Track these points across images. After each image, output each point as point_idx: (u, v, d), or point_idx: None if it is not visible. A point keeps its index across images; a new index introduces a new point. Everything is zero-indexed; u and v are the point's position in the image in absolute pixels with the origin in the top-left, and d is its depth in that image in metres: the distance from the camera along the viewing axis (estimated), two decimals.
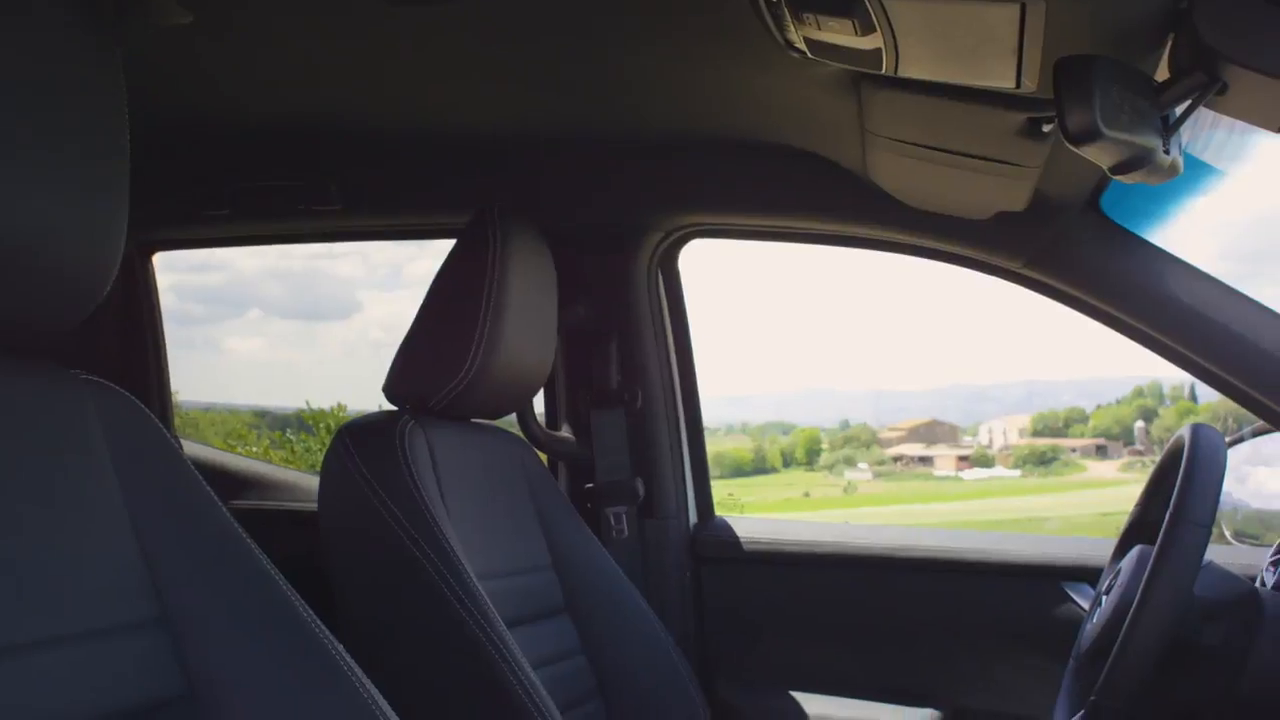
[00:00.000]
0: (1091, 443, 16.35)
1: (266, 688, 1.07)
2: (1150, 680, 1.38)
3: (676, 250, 2.31)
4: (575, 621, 1.95)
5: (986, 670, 2.14)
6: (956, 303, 31.61)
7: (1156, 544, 1.41)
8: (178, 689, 1.05)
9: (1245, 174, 1.88)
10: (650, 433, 2.26)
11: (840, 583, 2.23)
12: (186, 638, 1.06)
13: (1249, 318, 1.86)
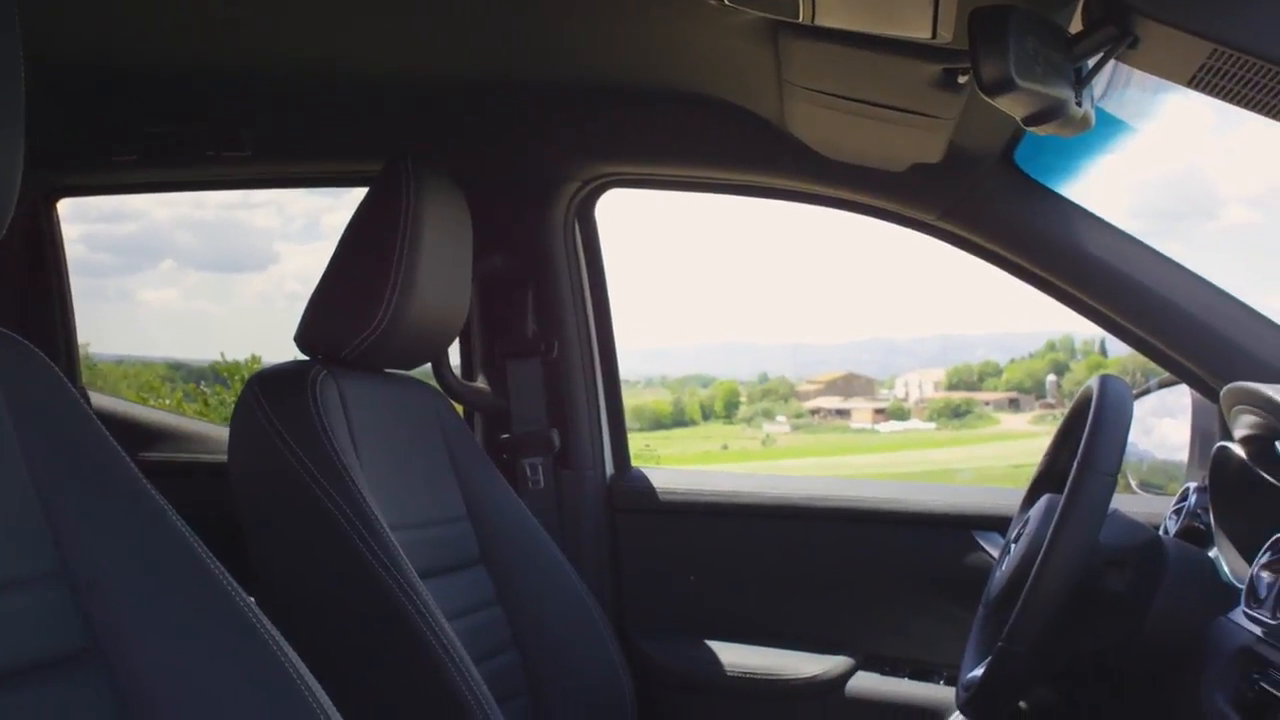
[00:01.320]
0: (1004, 396, 16.58)
1: (172, 641, 1.05)
2: (1056, 625, 1.41)
3: (594, 200, 2.29)
4: (491, 572, 1.94)
5: (899, 618, 2.17)
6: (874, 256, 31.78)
7: (1064, 493, 1.43)
8: (79, 643, 1.03)
9: (1156, 133, 1.90)
10: (566, 383, 2.25)
11: (756, 533, 2.24)
12: (88, 591, 1.04)
13: (1159, 272, 1.89)
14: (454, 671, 1.56)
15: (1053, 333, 15.45)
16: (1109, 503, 1.41)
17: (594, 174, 2.22)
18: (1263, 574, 1.32)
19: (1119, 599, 1.54)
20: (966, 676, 1.62)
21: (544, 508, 2.20)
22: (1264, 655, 1.27)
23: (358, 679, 1.57)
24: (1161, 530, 1.81)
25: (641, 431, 15.76)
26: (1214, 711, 1.33)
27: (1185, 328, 1.86)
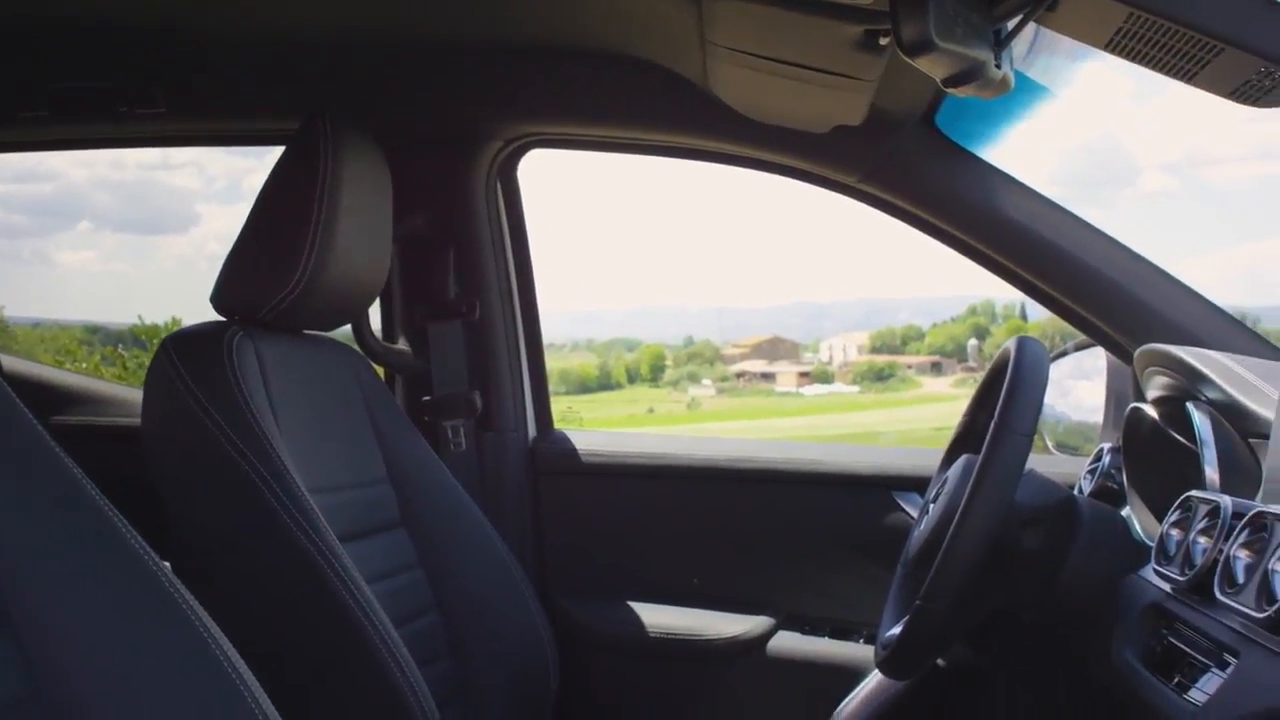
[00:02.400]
0: (927, 359, 16.77)
1: (81, 606, 1.03)
2: (973, 583, 1.42)
3: (516, 160, 2.27)
4: (412, 535, 1.92)
5: (820, 578, 2.19)
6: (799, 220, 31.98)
7: (981, 453, 1.44)
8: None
9: (1077, 100, 1.92)
10: (488, 345, 2.24)
11: (678, 494, 2.25)
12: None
13: (1076, 236, 1.91)
14: (374, 635, 1.55)
15: (974, 297, 15.64)
16: (1025, 463, 1.43)
17: (516, 134, 2.20)
18: (1172, 532, 1.34)
19: (1034, 557, 1.56)
20: (885, 635, 1.64)
21: (466, 470, 2.19)
22: (1172, 611, 1.30)
23: (276, 644, 1.55)
24: (1076, 490, 1.84)
25: (567, 395, 15.75)
26: (1123, 666, 1.35)
27: (1101, 291, 1.89)
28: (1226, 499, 1.24)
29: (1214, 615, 1.18)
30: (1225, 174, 35.91)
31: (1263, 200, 32.92)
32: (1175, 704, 1.18)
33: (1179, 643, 1.27)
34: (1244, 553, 1.12)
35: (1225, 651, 1.13)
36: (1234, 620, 1.12)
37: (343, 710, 1.59)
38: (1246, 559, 1.12)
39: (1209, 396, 1.51)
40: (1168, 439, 1.63)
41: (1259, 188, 33.15)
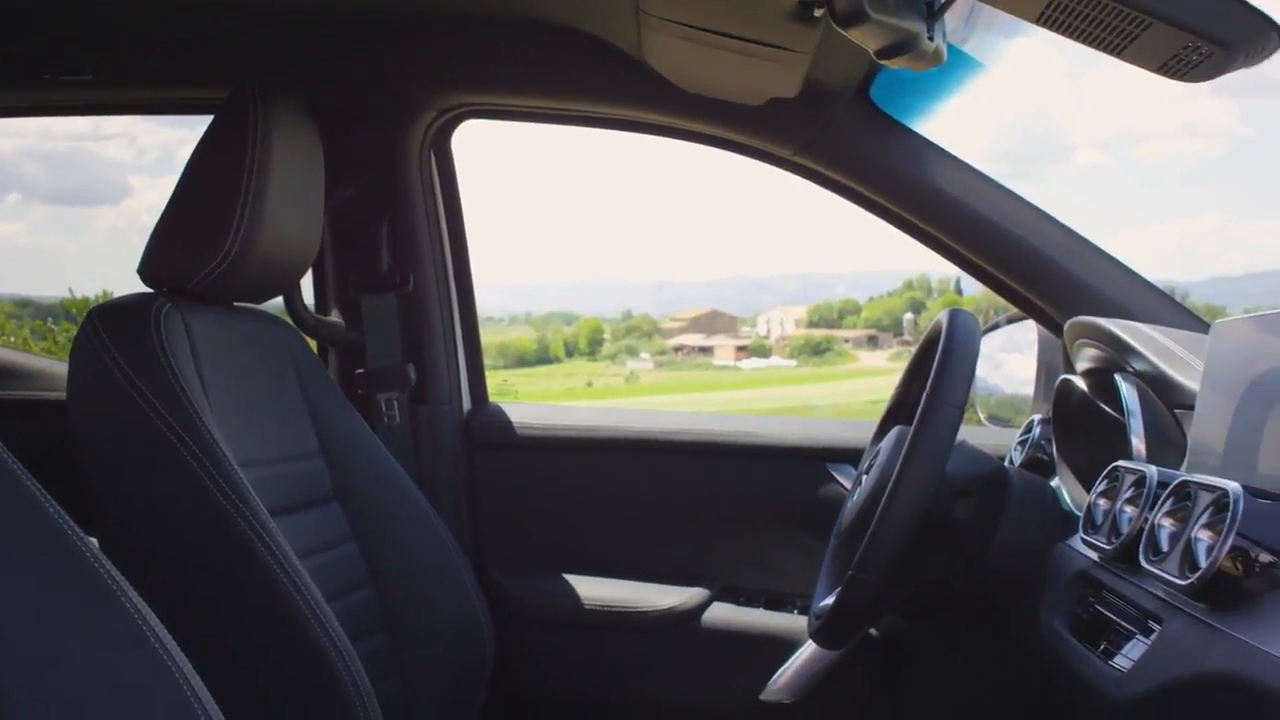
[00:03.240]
0: (863, 333, 16.92)
1: (4, 585, 1.01)
2: (905, 554, 1.44)
3: (449, 131, 2.24)
4: (345, 509, 1.90)
5: (755, 549, 2.20)
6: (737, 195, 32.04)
7: (913, 425, 1.45)
8: None
9: (1011, 77, 1.93)
10: (422, 317, 2.22)
11: (613, 467, 2.25)
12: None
13: (1008, 210, 1.93)
14: (306, 609, 1.54)
15: (910, 271, 15.78)
16: (956, 434, 1.44)
17: (449, 104, 2.17)
18: (1099, 501, 1.36)
19: (965, 528, 1.57)
20: (818, 605, 1.65)
21: (400, 443, 2.17)
22: (1099, 579, 1.32)
23: (206, 620, 1.54)
24: (1007, 461, 1.86)
25: (505, 369, 15.71)
26: (1051, 634, 1.37)
27: (1032, 264, 1.91)
28: (1152, 469, 1.26)
29: (1139, 583, 1.20)
30: (1155, 150, 36.42)
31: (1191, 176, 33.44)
32: (1100, 670, 1.20)
33: (1105, 610, 1.29)
34: (1168, 521, 1.14)
35: (1150, 618, 1.15)
36: (1158, 588, 1.14)
37: (275, 687, 1.57)
38: (1171, 528, 1.13)
39: (1137, 368, 1.53)
40: (1096, 410, 1.66)
41: (1188, 164, 33.70)
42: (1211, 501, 1.06)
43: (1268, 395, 1.11)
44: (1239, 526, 0.99)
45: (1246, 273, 26.88)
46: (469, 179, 2.32)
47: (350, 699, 1.54)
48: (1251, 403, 1.14)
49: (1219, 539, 1.00)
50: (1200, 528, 1.05)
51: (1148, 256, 46.49)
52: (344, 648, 1.55)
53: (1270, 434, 1.09)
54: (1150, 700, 1.07)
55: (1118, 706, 1.14)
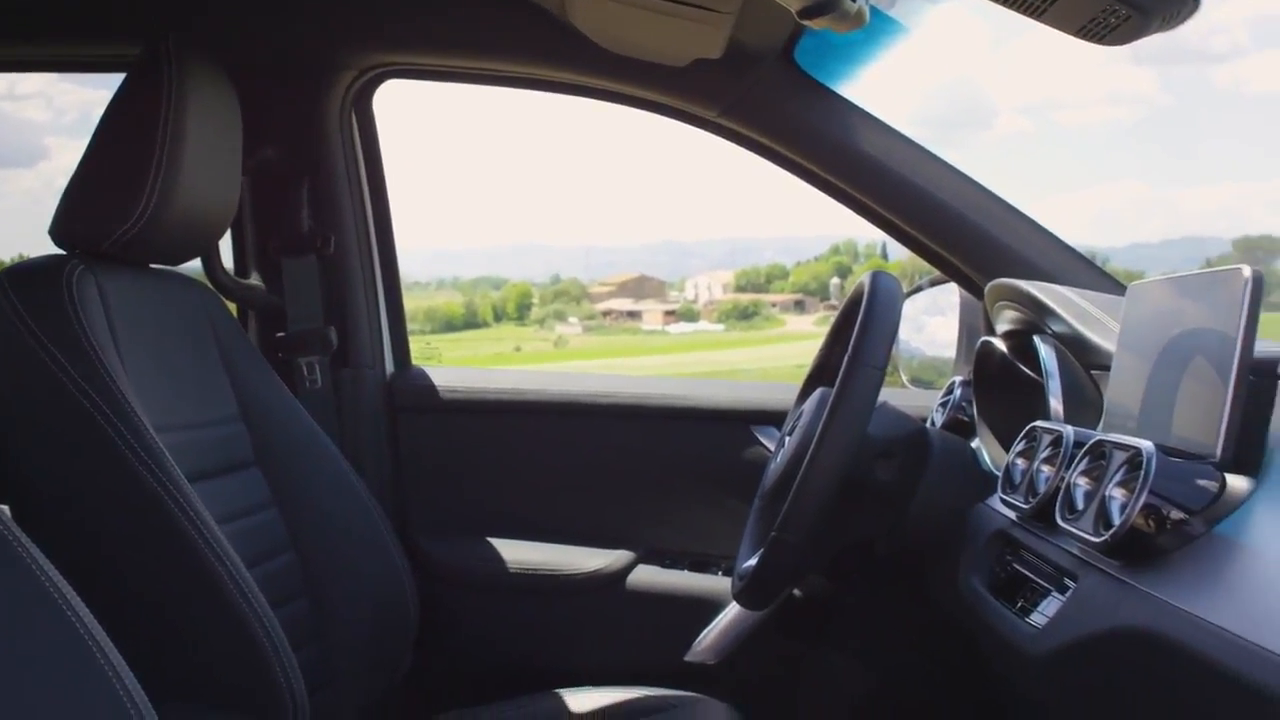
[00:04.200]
0: (790, 298, 17.01)
1: None
2: (826, 515, 1.44)
3: (371, 91, 2.21)
4: (266, 474, 1.88)
5: (679, 512, 2.20)
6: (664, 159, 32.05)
7: (835, 386, 1.46)
8: None
9: (936, 43, 1.94)
10: (344, 280, 2.19)
11: (538, 430, 2.24)
12: None
13: (930, 173, 1.94)
14: (225, 575, 1.52)
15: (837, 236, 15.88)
16: (877, 395, 1.44)
17: (370, 64, 2.14)
18: (1017, 461, 1.37)
19: (887, 489, 1.59)
20: (741, 566, 1.66)
21: (322, 407, 2.14)
22: (1016, 538, 1.33)
23: (122, 588, 1.51)
24: (929, 423, 1.87)
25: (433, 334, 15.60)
26: (969, 592, 1.39)
27: (954, 227, 1.92)
28: (1069, 429, 1.28)
29: (1055, 541, 1.21)
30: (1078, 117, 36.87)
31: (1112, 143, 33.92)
32: (1017, 627, 1.22)
33: (1022, 568, 1.31)
34: (1084, 480, 1.15)
35: (1065, 576, 1.17)
36: (1073, 545, 1.16)
37: (194, 653, 1.55)
38: (1086, 486, 1.15)
39: (1055, 330, 1.55)
40: (1016, 372, 1.67)
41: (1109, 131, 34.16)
42: (1125, 460, 1.07)
43: (1182, 357, 1.13)
44: (1152, 485, 1.00)
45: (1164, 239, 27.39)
46: (395, 142, 2.30)
47: (271, 665, 1.52)
48: (1166, 364, 1.16)
49: (1132, 497, 1.01)
50: (1114, 486, 1.07)
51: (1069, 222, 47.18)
52: (264, 614, 1.53)
53: (1184, 395, 1.10)
54: (1064, 655, 1.09)
55: (1033, 662, 1.16)
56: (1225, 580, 0.91)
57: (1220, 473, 1.01)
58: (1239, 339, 1.01)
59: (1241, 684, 0.79)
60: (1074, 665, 1.09)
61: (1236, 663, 0.80)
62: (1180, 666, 0.88)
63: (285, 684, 1.52)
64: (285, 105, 2.12)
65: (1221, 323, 1.04)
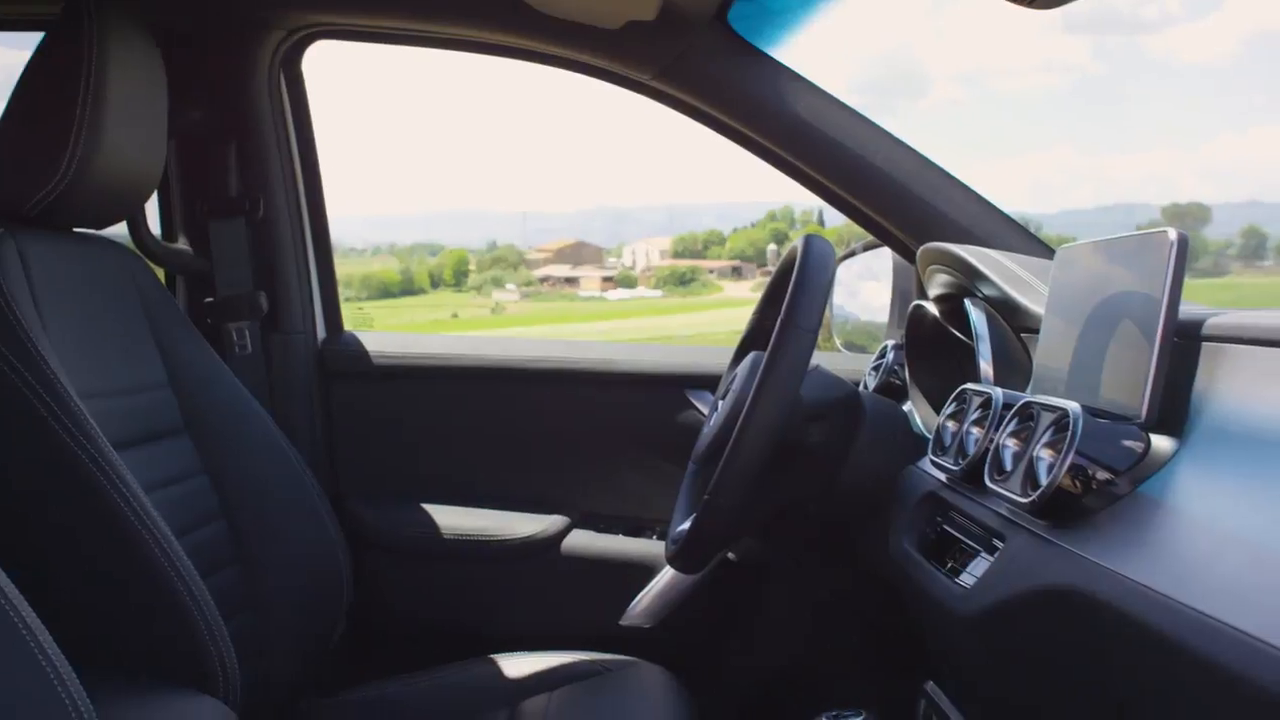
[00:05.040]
0: (728, 264, 17.09)
1: None
2: (759, 478, 1.44)
3: (300, 52, 2.17)
4: (195, 441, 1.85)
5: (614, 476, 2.20)
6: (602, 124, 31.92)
7: (767, 349, 1.45)
8: None
9: (874, 11, 1.94)
10: (274, 244, 2.16)
11: (472, 395, 2.23)
12: None
13: (864, 137, 1.93)
14: (152, 543, 1.49)
15: (774, 203, 15.95)
16: (810, 358, 1.44)
17: (298, 24, 2.10)
18: (948, 424, 1.38)
19: (819, 452, 1.59)
20: (675, 531, 1.66)
21: (252, 373, 2.12)
22: (946, 499, 1.34)
23: (45, 557, 1.49)
24: (862, 386, 1.88)
25: (370, 300, 15.49)
26: (900, 553, 1.40)
27: (887, 191, 1.92)
28: (998, 391, 1.29)
29: (984, 502, 1.22)
30: (1012, 85, 37.18)
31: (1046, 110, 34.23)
32: (946, 587, 1.23)
33: (952, 530, 1.32)
34: (1012, 441, 1.16)
35: (993, 536, 1.18)
36: (1002, 506, 1.17)
37: (120, 624, 1.53)
38: (1015, 447, 1.16)
39: (986, 294, 1.56)
40: (947, 335, 1.68)
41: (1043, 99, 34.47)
42: (1053, 421, 1.08)
43: (1109, 320, 1.13)
44: (1078, 445, 1.01)
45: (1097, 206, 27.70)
46: (329, 105, 2.26)
47: (200, 634, 1.50)
48: (1093, 327, 1.17)
49: (1059, 457, 1.02)
50: (1042, 447, 1.08)
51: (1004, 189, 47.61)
52: (193, 582, 1.51)
53: (1111, 357, 1.11)
54: (992, 614, 1.10)
55: (962, 622, 1.17)
56: (1148, 539, 0.92)
57: (1145, 433, 1.02)
58: (1164, 301, 1.02)
59: (1162, 640, 0.80)
60: (1001, 624, 1.10)
61: (1158, 619, 0.81)
62: (1104, 624, 0.89)
63: (215, 653, 1.51)
64: (211, 66, 2.08)
65: (1147, 286, 1.05)
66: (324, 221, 2.26)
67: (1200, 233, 15.52)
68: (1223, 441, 0.96)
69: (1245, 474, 0.90)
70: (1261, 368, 0.97)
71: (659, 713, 1.74)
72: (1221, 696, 0.74)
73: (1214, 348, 1.03)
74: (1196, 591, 0.80)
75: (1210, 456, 0.96)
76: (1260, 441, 0.91)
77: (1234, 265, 15.34)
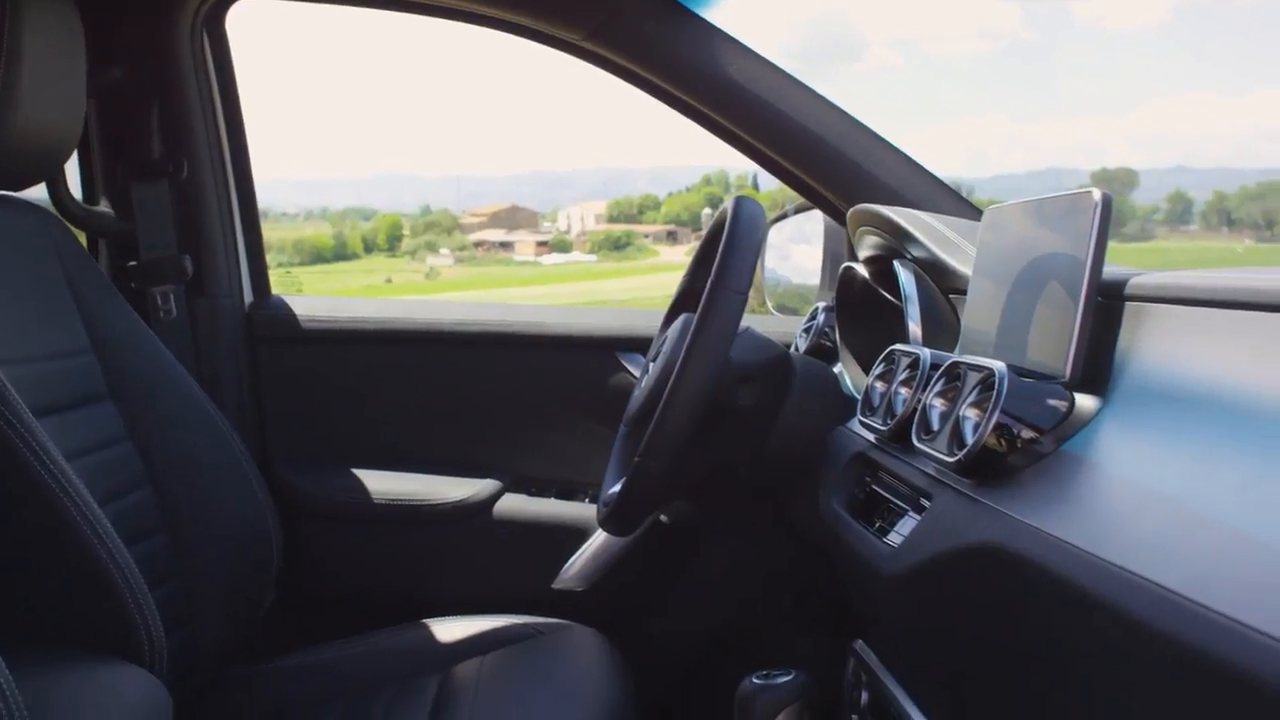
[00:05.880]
0: (663, 228, 17.10)
1: None
2: (690, 440, 1.44)
3: (223, 11, 2.13)
4: (119, 407, 1.82)
5: (546, 440, 2.20)
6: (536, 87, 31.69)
7: (697, 311, 1.45)
8: None
9: None
10: (198, 206, 2.12)
11: (402, 359, 2.21)
12: None
13: (795, 99, 1.93)
14: (74, 511, 1.46)
15: (709, 167, 15.97)
16: (740, 319, 1.44)
17: None
18: (877, 384, 1.39)
19: (749, 413, 1.59)
20: (606, 493, 1.66)
21: (177, 338, 2.09)
22: (875, 459, 1.35)
23: None
24: (793, 348, 1.89)
25: (303, 266, 15.34)
26: (830, 513, 1.41)
27: (818, 153, 1.92)
28: (926, 351, 1.29)
29: (912, 462, 1.23)
30: (946, 50, 37.42)
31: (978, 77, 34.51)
32: (874, 546, 1.24)
33: (880, 489, 1.33)
34: (940, 401, 1.17)
35: (921, 496, 1.19)
36: (929, 466, 1.17)
37: (42, 594, 1.50)
38: (942, 407, 1.16)
39: (914, 255, 1.56)
40: (877, 297, 1.69)
41: (977, 65, 34.73)
42: (979, 381, 1.09)
43: (1035, 280, 1.14)
44: (1004, 404, 1.02)
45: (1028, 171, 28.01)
46: (258, 66, 2.21)
47: (125, 604, 1.48)
48: (1020, 287, 1.17)
49: (985, 416, 1.03)
50: (968, 406, 1.08)
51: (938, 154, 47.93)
52: (116, 550, 1.49)
53: (1037, 318, 1.12)
54: (918, 573, 1.11)
55: (889, 581, 1.18)
56: (1071, 496, 0.93)
57: (1069, 392, 1.03)
58: (1088, 261, 1.02)
59: (1083, 595, 0.81)
60: (928, 582, 1.11)
61: (1079, 574, 0.82)
62: (1027, 580, 0.90)
63: (141, 622, 1.48)
64: (131, 24, 2.04)
65: (1072, 246, 1.06)
66: (250, 183, 2.23)
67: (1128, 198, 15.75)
68: (1144, 399, 0.97)
69: (1165, 431, 0.91)
70: (1182, 326, 0.98)
71: (591, 675, 1.75)
72: (1139, 650, 0.75)
73: (1136, 307, 1.04)
74: (1116, 547, 0.81)
75: (1132, 414, 0.97)
76: (1179, 399, 0.92)
77: (1160, 230, 15.59)
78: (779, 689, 1.57)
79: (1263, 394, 0.84)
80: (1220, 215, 14.64)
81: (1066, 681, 0.89)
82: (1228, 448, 0.83)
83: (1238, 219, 14.53)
